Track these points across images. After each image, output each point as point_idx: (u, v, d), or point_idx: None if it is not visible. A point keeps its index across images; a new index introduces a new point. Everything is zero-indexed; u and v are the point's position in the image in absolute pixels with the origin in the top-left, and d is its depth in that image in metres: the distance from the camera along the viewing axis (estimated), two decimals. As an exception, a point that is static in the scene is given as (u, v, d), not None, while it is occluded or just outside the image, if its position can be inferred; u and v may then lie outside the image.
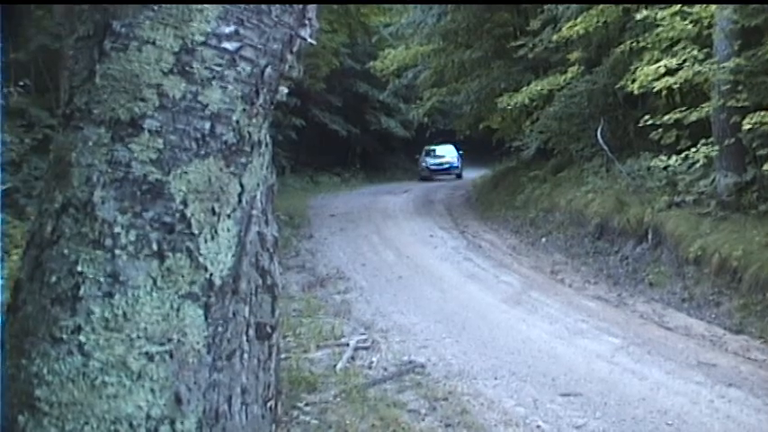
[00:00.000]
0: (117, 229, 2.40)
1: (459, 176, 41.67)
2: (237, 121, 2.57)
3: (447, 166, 43.07)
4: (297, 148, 33.37)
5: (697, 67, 14.09)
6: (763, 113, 12.38)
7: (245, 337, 2.86)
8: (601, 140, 18.48)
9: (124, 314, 2.38)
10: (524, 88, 22.01)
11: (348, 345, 10.03)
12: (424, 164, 43.52)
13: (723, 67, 13.52)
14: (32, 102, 14.35)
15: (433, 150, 44.10)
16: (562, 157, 23.32)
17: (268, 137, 2.77)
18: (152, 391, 2.40)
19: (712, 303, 11.85)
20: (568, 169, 21.79)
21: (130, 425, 2.36)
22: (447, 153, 43.83)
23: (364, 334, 10.70)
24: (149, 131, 2.45)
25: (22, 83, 12.78)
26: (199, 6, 2.48)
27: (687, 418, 7.64)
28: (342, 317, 11.64)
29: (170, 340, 2.43)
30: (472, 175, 36.77)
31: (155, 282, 2.42)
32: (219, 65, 2.51)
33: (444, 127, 37.31)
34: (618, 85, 17.56)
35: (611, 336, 10.63)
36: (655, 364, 9.43)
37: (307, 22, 2.76)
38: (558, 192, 20.27)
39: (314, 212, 25.41)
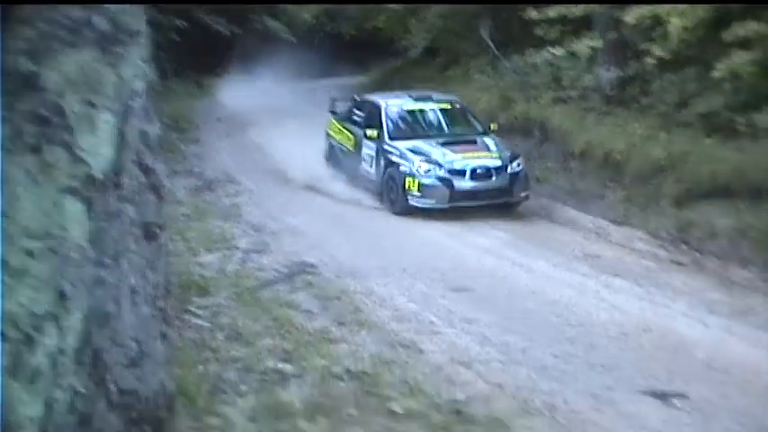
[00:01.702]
0: (-10, 123, 2.30)
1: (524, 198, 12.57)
2: (113, 10, 2.47)
3: (500, 176, 12.33)
4: (179, 50, 32.31)
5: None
6: (644, 8, 12.49)
7: (131, 237, 2.81)
8: (486, 38, 18.50)
9: (3, 211, 2.30)
10: (408, -15, 21.75)
11: (238, 248, 9.95)
12: (429, 167, 12.24)
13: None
14: None
15: (446, 123, 14.34)
16: (448, 55, 23.26)
17: (146, 27, 2.68)
18: (34, 288, 2.33)
19: (597, 197, 12.16)
20: (454, 68, 21.79)
21: (14, 323, 2.30)
22: (477, 134, 13.88)
23: (254, 237, 10.62)
24: (20, 21, 2.34)
25: None
26: None
27: (575, 309, 7.90)
28: (232, 220, 11.50)
29: (51, 235, 2.36)
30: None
31: (33, 177, 2.33)
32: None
33: (331, 30, 35.99)
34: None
35: (498, 230, 10.85)
36: (542, 257, 9.69)
37: None
38: (445, 90, 20.31)
39: (200, 117, 24.83)
